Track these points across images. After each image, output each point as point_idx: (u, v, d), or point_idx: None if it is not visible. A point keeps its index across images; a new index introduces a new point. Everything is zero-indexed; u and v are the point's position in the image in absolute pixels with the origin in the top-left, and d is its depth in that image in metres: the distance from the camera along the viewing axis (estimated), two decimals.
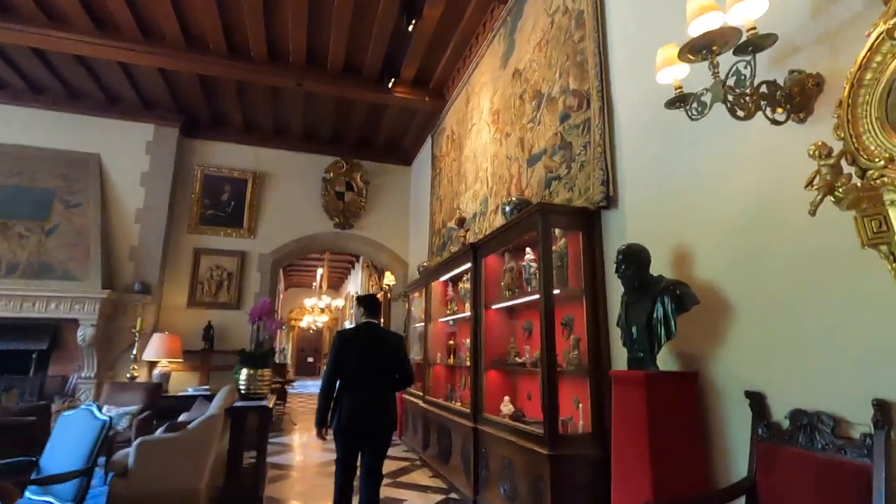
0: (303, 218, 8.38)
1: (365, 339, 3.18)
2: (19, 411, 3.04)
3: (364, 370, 3.06)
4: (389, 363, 3.13)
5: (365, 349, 3.12)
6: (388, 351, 3.16)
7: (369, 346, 3.14)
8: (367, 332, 3.23)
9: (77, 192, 6.99)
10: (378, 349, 3.14)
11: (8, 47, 6.07)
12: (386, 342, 3.22)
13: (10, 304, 6.21)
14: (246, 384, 4.25)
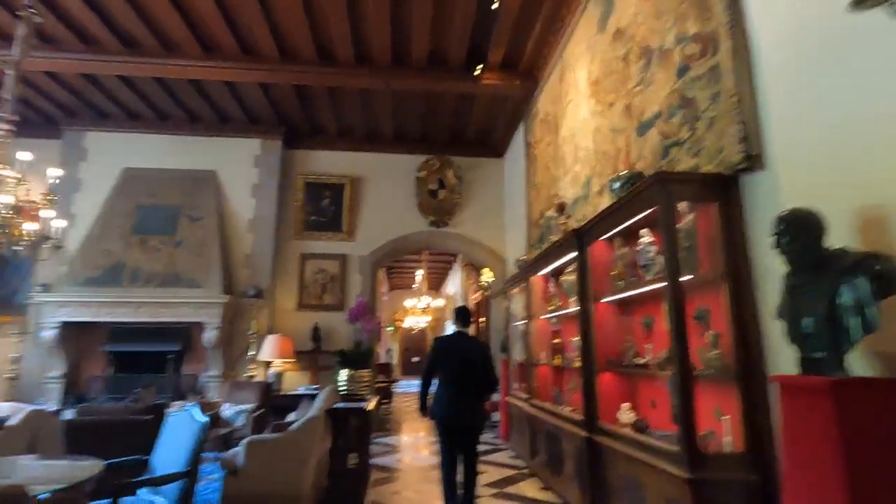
0: (398, 218, 8.41)
1: (456, 346, 3.75)
2: (139, 410, 3.26)
3: (454, 373, 3.61)
4: (475, 369, 3.62)
5: (456, 355, 3.67)
6: (477, 358, 3.66)
7: (462, 353, 3.67)
8: (458, 340, 3.80)
9: (198, 206, 7.65)
10: (466, 356, 3.66)
11: (137, 80, 6.80)
12: (476, 350, 3.74)
13: (149, 311, 6.94)
14: (346, 385, 4.20)
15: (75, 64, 6.14)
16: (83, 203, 7.62)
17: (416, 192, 8.45)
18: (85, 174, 7.77)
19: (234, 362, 7.30)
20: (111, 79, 6.71)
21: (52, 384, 6.88)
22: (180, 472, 2.21)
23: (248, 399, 5.38)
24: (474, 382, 3.60)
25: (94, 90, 7.03)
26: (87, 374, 7.12)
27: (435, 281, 20.90)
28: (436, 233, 8.50)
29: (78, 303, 6.83)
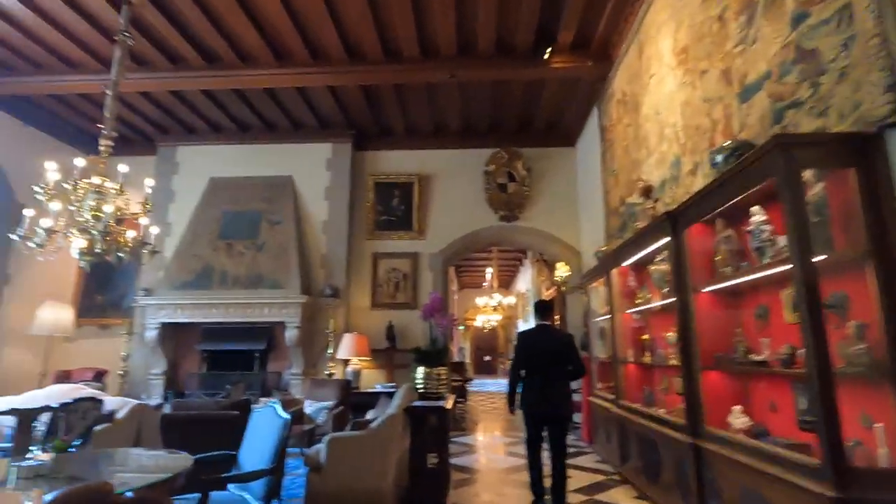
0: (467, 214, 8.26)
1: (540, 338, 3.92)
2: (227, 406, 3.36)
3: (541, 365, 3.79)
4: (562, 358, 3.81)
5: (541, 347, 3.85)
6: (561, 348, 3.84)
7: (545, 345, 3.86)
8: (542, 332, 3.97)
9: (277, 211, 7.98)
10: (552, 347, 3.84)
11: (219, 94, 7.19)
12: (558, 341, 3.93)
13: (236, 311, 7.31)
14: (423, 383, 4.11)
15: (165, 82, 6.60)
16: (177, 212, 8.21)
17: (484, 186, 8.26)
18: (177, 186, 8.36)
19: (314, 360, 7.52)
20: (196, 94, 7.15)
21: (155, 380, 7.46)
22: (265, 468, 2.19)
23: (327, 396, 5.48)
24: (560, 372, 3.80)
25: (182, 107, 7.53)
26: (184, 371, 7.64)
27: (505, 279, 20.58)
28: (506, 227, 8.26)
29: (174, 305, 7.35)
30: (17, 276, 7.48)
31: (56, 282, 8.06)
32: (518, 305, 18.80)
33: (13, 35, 5.81)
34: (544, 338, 3.89)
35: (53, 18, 5.52)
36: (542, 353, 3.79)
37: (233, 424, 3.00)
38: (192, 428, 2.99)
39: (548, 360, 3.76)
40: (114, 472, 1.92)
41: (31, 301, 7.44)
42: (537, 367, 3.77)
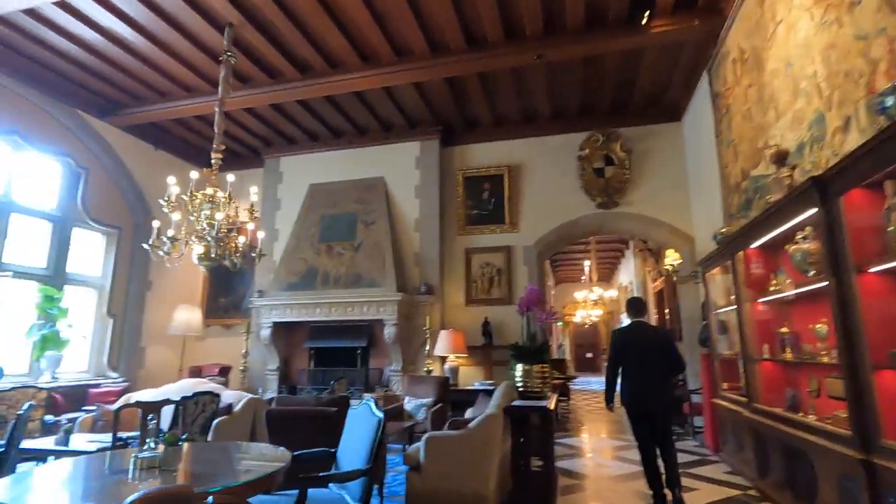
0: (562, 203, 7.83)
1: (637, 334, 3.97)
2: (326, 402, 3.41)
3: (640, 360, 3.82)
4: (660, 353, 3.81)
5: (638, 343, 3.89)
6: (657, 343, 3.87)
7: (641, 341, 3.90)
8: (637, 329, 4.02)
9: (371, 212, 8.18)
10: (648, 342, 3.88)
11: (314, 104, 7.53)
12: (654, 336, 4.00)
13: (338, 310, 7.61)
14: (523, 381, 3.86)
15: (266, 96, 7.02)
16: (283, 219, 8.78)
17: (579, 172, 7.76)
18: (282, 194, 8.94)
19: (412, 357, 7.58)
20: (293, 106, 7.55)
21: (271, 375, 8.02)
22: (361, 469, 2.11)
23: (426, 393, 5.44)
24: (658, 367, 3.80)
25: (282, 119, 8.01)
26: (296, 366, 8.14)
27: (605, 271, 19.48)
28: (605, 215, 7.69)
29: (283, 305, 7.84)
30: (157, 283, 8.47)
31: (187, 287, 9.02)
32: (620, 299, 17.68)
33: (142, 68, 6.53)
34: (640, 334, 3.95)
35: (169, 46, 6.08)
36: (639, 349, 3.83)
37: (332, 421, 3.02)
38: (294, 424, 3.06)
39: (645, 356, 3.80)
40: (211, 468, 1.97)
41: (168, 305, 8.39)
42: (635, 363, 3.81)
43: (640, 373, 3.78)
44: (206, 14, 5.48)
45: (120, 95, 7.22)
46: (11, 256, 6.66)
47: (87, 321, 7.62)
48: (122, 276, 7.98)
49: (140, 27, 5.70)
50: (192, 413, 3.36)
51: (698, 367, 6.16)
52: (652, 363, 3.77)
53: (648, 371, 3.76)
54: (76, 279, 7.48)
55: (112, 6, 5.32)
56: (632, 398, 3.81)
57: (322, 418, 3.03)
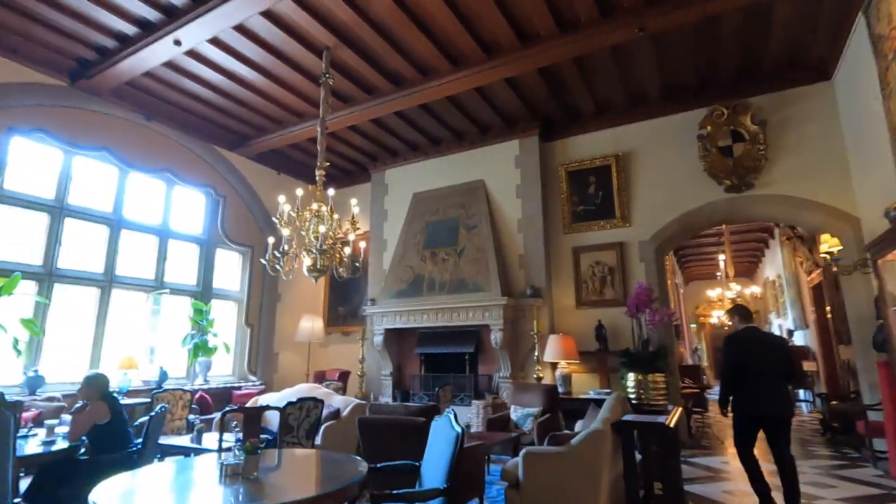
0: (682, 191, 6.97)
1: (752, 340, 3.88)
2: (415, 411, 3.31)
3: (757, 365, 3.72)
4: (774, 359, 3.75)
5: (754, 348, 3.80)
6: (773, 349, 3.83)
7: (757, 346, 3.82)
8: (752, 333, 3.94)
9: (473, 216, 8.09)
10: (764, 347, 3.83)
11: (411, 115, 7.69)
12: (770, 341, 4.00)
13: (444, 316, 7.62)
14: (636, 392, 3.41)
15: (365, 112, 7.32)
16: (390, 229, 9.09)
17: (701, 154, 6.84)
18: (389, 205, 9.27)
19: (521, 363, 7.29)
20: (392, 119, 7.79)
21: (385, 380, 8.30)
22: (438, 488, 1.95)
23: (532, 402, 5.13)
24: (776, 372, 3.72)
25: (383, 133, 8.31)
26: (408, 372, 8.32)
27: (744, 266, 17.14)
28: (737, 200, 6.67)
29: (393, 312, 8.08)
30: (285, 295, 9.32)
31: (312, 298, 9.78)
32: (767, 296, 15.37)
33: (258, 101, 7.24)
34: (755, 339, 3.91)
35: (278, 77, 6.64)
36: (755, 354, 3.77)
37: (420, 431, 2.92)
38: (383, 433, 3.02)
39: (763, 361, 3.74)
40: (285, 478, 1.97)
41: (295, 314, 9.17)
42: (752, 368, 3.73)
43: (759, 379, 3.70)
44: (304, 41, 5.87)
45: (244, 128, 8.09)
46: (171, 276, 7.81)
47: (230, 331, 8.63)
48: (256, 290, 8.91)
49: (252, 63, 6.30)
50: (297, 418, 3.51)
51: (875, 376, 4.98)
52: (770, 369, 3.71)
53: (767, 376, 3.69)
54: (221, 294, 8.52)
55: (227, 47, 5.94)
56: (749, 404, 3.71)
57: (410, 428, 2.95)
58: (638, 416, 3.18)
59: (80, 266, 6.71)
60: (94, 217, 6.87)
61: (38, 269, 6.24)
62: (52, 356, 6.35)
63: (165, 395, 4.97)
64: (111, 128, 6.93)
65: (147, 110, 7.26)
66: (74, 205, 6.66)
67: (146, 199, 7.59)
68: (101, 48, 6.00)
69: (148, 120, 7.32)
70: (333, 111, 7.34)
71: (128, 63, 5.98)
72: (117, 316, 7.07)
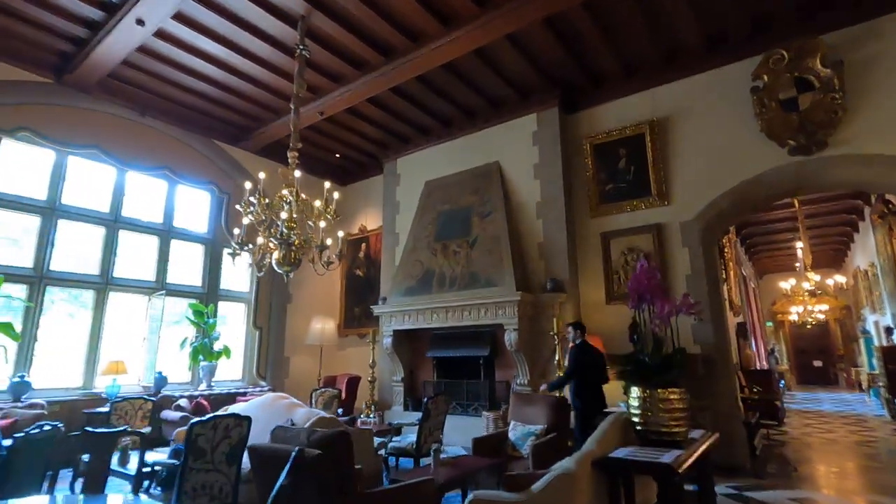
0: (733, 158, 5.72)
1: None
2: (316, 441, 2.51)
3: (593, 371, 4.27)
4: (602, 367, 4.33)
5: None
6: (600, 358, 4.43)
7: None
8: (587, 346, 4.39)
9: (486, 202, 7.20)
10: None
11: (411, 91, 6.93)
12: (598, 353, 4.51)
13: (454, 315, 6.78)
14: (640, 414, 2.43)
15: (358, 92, 6.65)
16: (402, 222, 8.38)
17: (756, 111, 5.56)
18: (401, 196, 8.57)
19: (542, 368, 6.30)
20: (395, 100, 7.08)
21: (396, 387, 7.58)
22: None
23: (536, 418, 4.17)
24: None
25: (390, 118, 7.63)
26: (421, 378, 7.55)
27: (827, 253, 14.86)
28: (805, 164, 5.34)
29: (401, 312, 7.35)
30: (296, 296, 8.85)
31: (327, 299, 9.27)
32: (859, 288, 13.15)
33: (252, 89, 6.79)
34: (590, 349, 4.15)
35: (260, 58, 6.12)
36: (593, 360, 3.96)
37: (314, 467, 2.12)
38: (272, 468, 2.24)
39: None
40: None
41: (308, 316, 8.68)
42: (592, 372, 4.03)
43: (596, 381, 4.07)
44: (275, 11, 5.28)
45: (241, 119, 7.69)
46: (174, 277, 7.53)
47: (239, 334, 8.26)
48: (265, 291, 8.49)
49: (227, 42, 5.81)
50: (209, 440, 2.85)
51: None
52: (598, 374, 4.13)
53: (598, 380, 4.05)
54: (228, 295, 8.17)
55: (194, 23, 5.46)
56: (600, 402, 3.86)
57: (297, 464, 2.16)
58: (634, 451, 2.20)
59: (76, 268, 6.52)
60: (89, 217, 6.68)
61: (28, 272, 6.08)
62: (47, 361, 6.17)
63: (124, 405, 4.52)
64: (102, 125, 6.72)
65: (140, 106, 7.01)
66: (68, 205, 6.49)
67: (147, 199, 7.35)
68: (75, 38, 5.74)
69: (142, 115, 7.06)
70: (327, 93, 6.76)
71: (101, 50, 5.67)
72: (116, 319, 6.84)
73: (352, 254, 9.48)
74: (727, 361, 5.72)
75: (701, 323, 5.54)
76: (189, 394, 6.96)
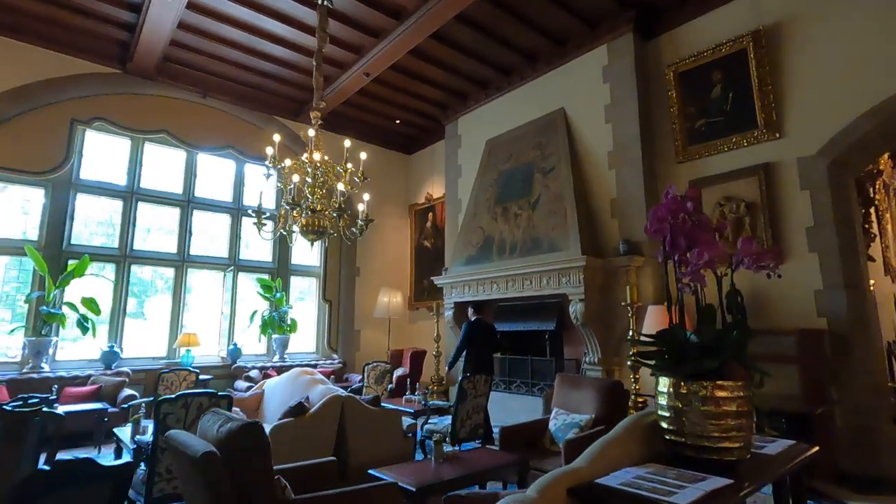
0: (879, 60, 4.19)
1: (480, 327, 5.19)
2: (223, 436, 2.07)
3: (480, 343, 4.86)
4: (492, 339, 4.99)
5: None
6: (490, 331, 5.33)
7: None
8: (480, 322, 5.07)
9: (549, 156, 6.30)
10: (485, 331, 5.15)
11: (465, 41, 6.20)
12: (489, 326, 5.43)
13: (515, 284, 6.07)
14: (670, 417, 1.64)
15: (400, 44, 6.08)
16: (464, 187, 7.77)
17: None
18: (462, 159, 7.94)
19: (615, 345, 5.39)
20: (450, 55, 6.49)
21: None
22: None
23: (583, 405, 3.38)
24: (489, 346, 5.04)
25: (447, 74, 7.01)
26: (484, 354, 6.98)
27: None
28: None
29: (462, 283, 6.82)
30: (364, 269, 8.75)
31: (396, 271, 9.06)
32: None
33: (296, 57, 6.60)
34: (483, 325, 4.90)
35: (299, 21, 5.85)
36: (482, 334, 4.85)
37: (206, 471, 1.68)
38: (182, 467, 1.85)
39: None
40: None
41: (376, 289, 8.54)
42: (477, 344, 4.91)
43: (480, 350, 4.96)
44: None
45: (297, 92, 7.59)
46: (246, 254, 7.80)
47: (311, 308, 8.39)
48: (333, 264, 8.50)
49: (260, 6, 5.60)
50: (180, 419, 2.61)
51: None
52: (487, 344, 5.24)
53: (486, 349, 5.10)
54: (299, 269, 8.31)
55: None
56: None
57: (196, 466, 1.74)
58: (651, 473, 1.42)
59: (156, 247, 6.98)
60: (165, 199, 7.08)
61: (114, 252, 6.61)
62: (137, 333, 6.72)
63: (170, 376, 4.64)
64: (169, 109, 7.01)
65: (201, 87, 7.20)
66: (146, 188, 6.92)
67: (217, 179, 7.63)
68: (125, 23, 5.93)
69: (203, 97, 7.26)
70: (368, 50, 6.31)
71: (148, 31, 5.80)
72: (198, 294, 7.25)
73: (420, 224, 9.13)
74: (870, 340, 4.31)
75: (826, 290, 4.23)
76: (262, 365, 7.20)
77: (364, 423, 3.74)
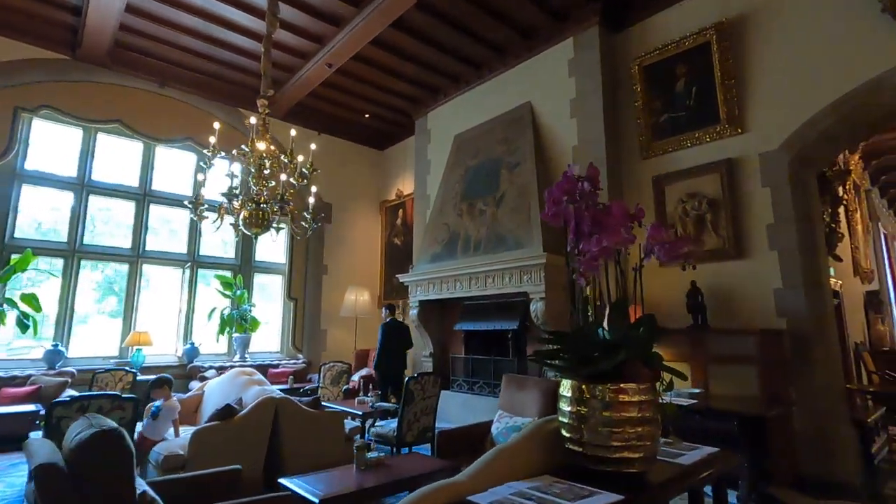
0: (840, 55, 4.08)
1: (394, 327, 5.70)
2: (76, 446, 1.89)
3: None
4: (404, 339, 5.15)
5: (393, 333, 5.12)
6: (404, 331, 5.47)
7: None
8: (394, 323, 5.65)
9: (515, 151, 6.14)
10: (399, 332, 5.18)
11: (434, 33, 6.02)
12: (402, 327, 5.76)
13: (478, 282, 5.90)
14: (570, 423, 1.47)
15: (361, 30, 5.87)
16: (432, 183, 7.59)
17: None
18: (431, 155, 7.76)
19: None
20: (419, 48, 6.31)
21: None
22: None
23: (527, 408, 3.22)
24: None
25: (417, 68, 6.81)
26: (451, 353, 6.82)
27: None
28: None
29: (426, 280, 6.63)
30: (332, 267, 8.52)
31: (365, 269, 8.85)
32: None
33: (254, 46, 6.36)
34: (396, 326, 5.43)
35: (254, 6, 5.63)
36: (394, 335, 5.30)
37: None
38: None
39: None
40: None
41: (344, 287, 8.31)
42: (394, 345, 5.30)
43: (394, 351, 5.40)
44: None
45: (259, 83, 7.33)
46: (207, 249, 7.53)
47: (276, 306, 8.14)
48: (299, 262, 8.26)
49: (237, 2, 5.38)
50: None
51: None
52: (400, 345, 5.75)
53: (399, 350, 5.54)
54: (263, 266, 8.06)
55: None
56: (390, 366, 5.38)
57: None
58: (540, 488, 1.24)
59: (109, 242, 6.70)
60: (119, 192, 6.79)
61: (62, 246, 6.31)
62: (90, 332, 6.43)
63: (104, 376, 4.40)
64: (124, 98, 6.73)
65: (158, 77, 6.93)
66: (99, 181, 6.63)
67: (176, 172, 7.36)
68: (72, 7, 5.65)
69: (161, 86, 6.99)
70: (328, 40, 6.11)
71: (94, 14, 5.53)
72: (155, 291, 6.97)
73: (391, 221, 8.93)
74: (829, 341, 4.21)
75: (786, 289, 4.12)
76: (220, 365, 6.95)
77: (301, 427, 3.54)
